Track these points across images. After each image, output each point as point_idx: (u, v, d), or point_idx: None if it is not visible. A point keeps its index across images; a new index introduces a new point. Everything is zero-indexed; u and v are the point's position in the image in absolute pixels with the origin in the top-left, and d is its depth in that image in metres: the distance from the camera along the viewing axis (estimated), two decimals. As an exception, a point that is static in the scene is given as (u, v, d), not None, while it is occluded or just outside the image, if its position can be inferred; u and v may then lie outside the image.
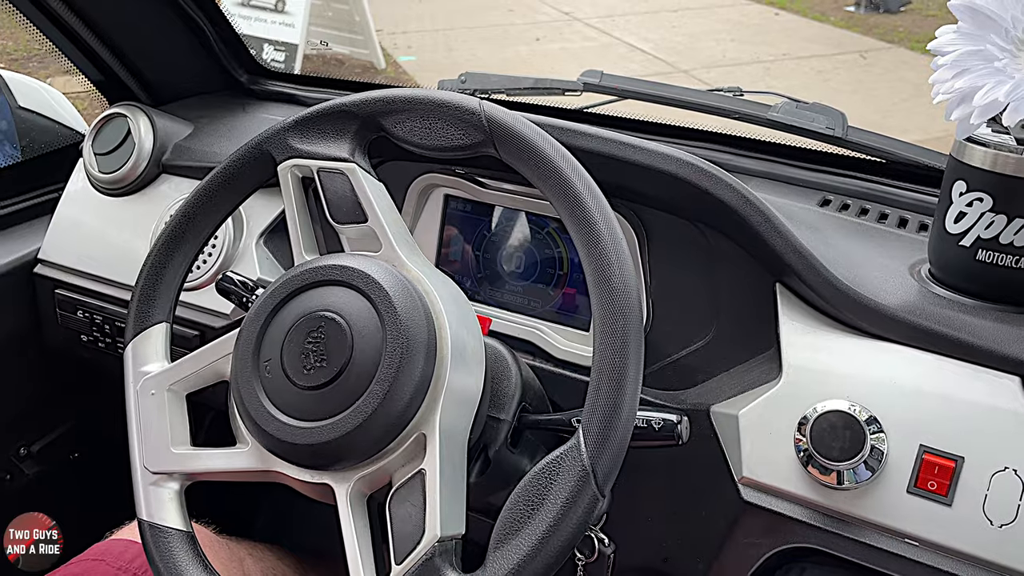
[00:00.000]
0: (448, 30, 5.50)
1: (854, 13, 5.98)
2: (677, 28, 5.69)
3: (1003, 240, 0.63)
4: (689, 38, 5.45)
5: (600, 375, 0.53)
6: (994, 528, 0.58)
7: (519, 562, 0.51)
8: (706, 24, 5.77)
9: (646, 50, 5.12)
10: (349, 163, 0.63)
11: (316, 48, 4.27)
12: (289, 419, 0.57)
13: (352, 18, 4.51)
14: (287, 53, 4.04)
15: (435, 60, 4.85)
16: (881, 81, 4.37)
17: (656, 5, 6.25)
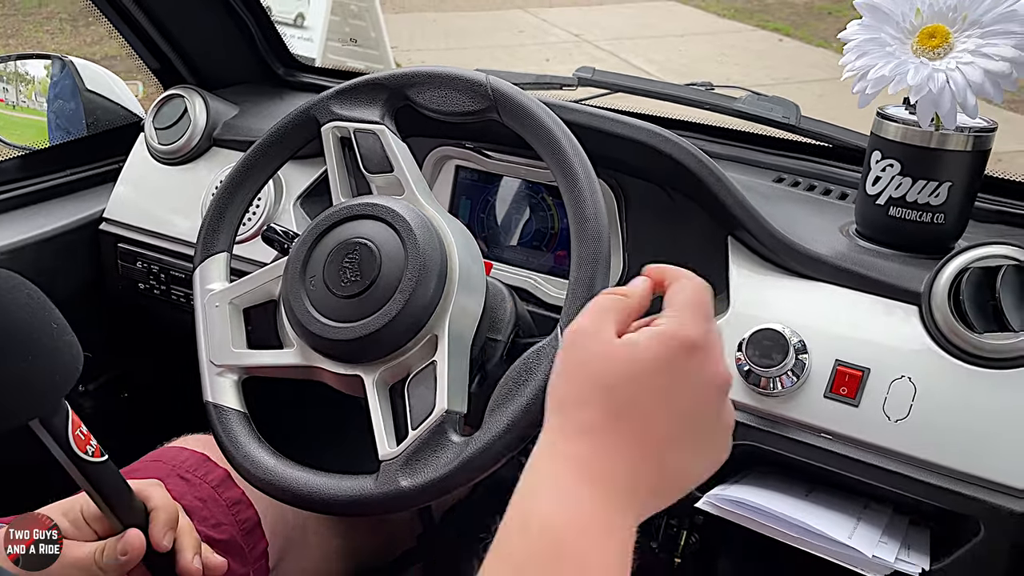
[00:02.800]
0: (461, 49, 5.69)
1: (854, 41, 6.15)
2: (683, 52, 5.87)
3: (909, 198, 0.78)
4: (693, 61, 5.62)
5: (575, 284, 0.68)
6: (891, 423, 0.73)
7: (510, 422, 0.65)
8: (711, 49, 5.95)
9: (651, 72, 5.30)
10: (380, 125, 0.79)
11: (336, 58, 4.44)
12: (330, 320, 0.72)
13: (368, 34, 4.70)
14: (306, 65, 4.20)
15: (447, 76, 4.99)
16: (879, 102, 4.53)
17: (663, 30, 6.43)
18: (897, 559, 0.72)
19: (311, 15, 4.42)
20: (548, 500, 0.45)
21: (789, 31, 6.40)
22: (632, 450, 0.47)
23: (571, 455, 0.47)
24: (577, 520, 0.44)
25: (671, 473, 0.49)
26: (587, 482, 0.46)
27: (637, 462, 0.47)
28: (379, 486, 0.67)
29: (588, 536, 0.44)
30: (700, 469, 0.51)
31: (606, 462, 0.46)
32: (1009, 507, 0.68)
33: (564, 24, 6.44)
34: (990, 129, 0.76)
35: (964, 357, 0.71)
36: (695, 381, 0.49)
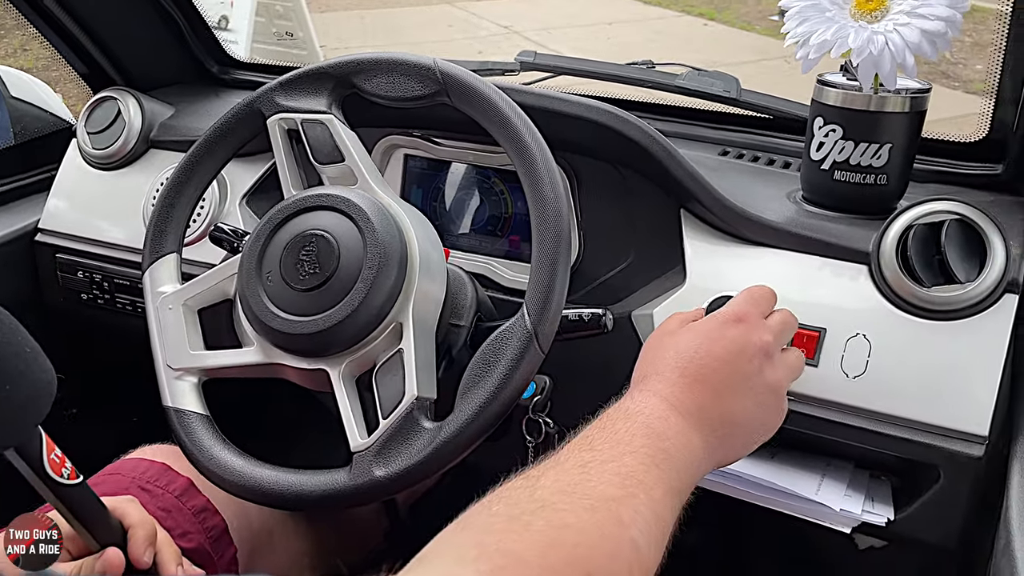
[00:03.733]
0: (391, 45, 5.62)
1: (777, 22, 6.30)
2: (612, 40, 5.93)
3: (852, 161, 0.80)
4: (623, 48, 5.67)
5: (538, 264, 0.68)
6: (849, 379, 0.75)
7: (481, 404, 0.65)
8: (639, 35, 6.01)
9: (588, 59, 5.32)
10: (328, 115, 0.77)
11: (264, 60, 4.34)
12: (290, 315, 0.70)
13: (296, 34, 4.62)
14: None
15: (379, 73, 4.95)
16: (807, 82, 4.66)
17: (590, 19, 6.48)
18: (863, 511, 0.74)
19: (235, 17, 4.32)
20: (654, 412, 0.60)
21: (713, 15, 6.51)
22: (697, 388, 0.62)
23: (653, 397, 0.62)
24: (666, 425, 0.59)
25: (731, 411, 0.63)
26: (677, 411, 0.61)
27: (702, 396, 0.62)
28: (353, 478, 0.66)
29: (672, 431, 0.59)
30: (754, 413, 0.64)
31: (681, 397, 0.61)
32: (966, 452, 0.71)
33: (493, 17, 6.43)
34: (925, 90, 0.78)
35: (914, 311, 0.74)
36: (740, 343, 0.65)
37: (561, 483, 0.52)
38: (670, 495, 0.55)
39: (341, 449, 0.69)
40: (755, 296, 0.71)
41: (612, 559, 0.48)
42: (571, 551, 0.47)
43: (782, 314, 0.71)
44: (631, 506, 0.51)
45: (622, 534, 0.49)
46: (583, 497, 0.51)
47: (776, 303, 0.73)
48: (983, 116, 0.90)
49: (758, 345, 0.65)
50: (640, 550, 0.50)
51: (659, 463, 0.56)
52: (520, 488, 0.52)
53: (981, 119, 0.90)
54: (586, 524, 0.49)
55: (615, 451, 0.56)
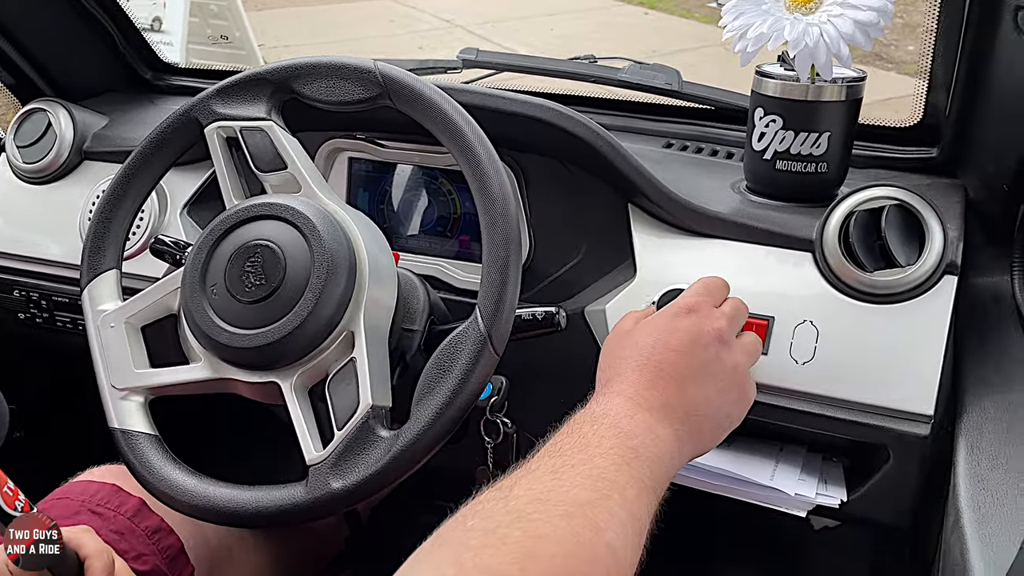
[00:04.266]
0: (331, 42, 5.55)
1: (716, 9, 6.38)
2: (554, 31, 5.94)
3: (793, 151, 0.81)
4: (565, 40, 5.69)
5: (489, 265, 0.68)
6: (799, 366, 0.76)
7: (437, 410, 0.65)
8: (581, 26, 6.03)
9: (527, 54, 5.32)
10: (267, 121, 0.76)
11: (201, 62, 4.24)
12: (237, 329, 0.69)
13: (232, 34, 4.52)
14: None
15: (321, 72, 4.87)
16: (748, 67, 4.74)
17: (533, 10, 6.48)
18: (817, 494, 0.76)
19: (168, 19, 4.21)
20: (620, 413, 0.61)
21: (654, 4, 6.56)
22: (659, 383, 0.63)
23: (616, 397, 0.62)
24: (633, 423, 0.60)
25: (694, 400, 0.64)
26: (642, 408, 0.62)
27: (664, 390, 0.63)
28: (310, 491, 0.65)
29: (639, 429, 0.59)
30: (718, 400, 0.65)
31: (644, 394, 0.62)
32: (913, 432, 0.73)
33: (434, 10, 6.39)
34: (860, 78, 0.80)
35: (859, 296, 0.75)
36: (694, 333, 0.66)
37: (534, 492, 0.52)
38: (644, 493, 0.55)
39: (297, 463, 0.68)
40: (707, 286, 0.73)
41: (591, 565, 0.48)
42: (549, 562, 0.47)
43: (733, 301, 0.73)
44: (605, 508, 0.51)
45: (598, 539, 0.50)
46: (557, 504, 0.51)
47: (729, 292, 0.74)
48: (917, 101, 0.92)
49: (712, 333, 0.67)
50: (617, 553, 0.50)
51: (629, 462, 0.56)
52: (494, 500, 0.52)
53: (915, 104, 0.92)
54: (562, 533, 0.49)
55: (584, 454, 0.56)
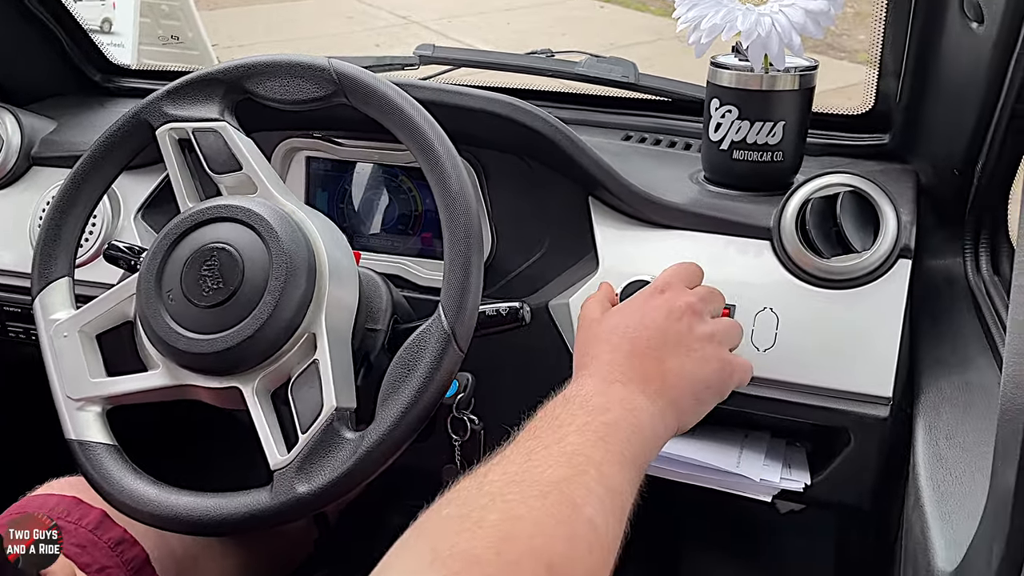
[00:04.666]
0: (287, 41, 5.48)
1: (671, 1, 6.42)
2: (510, 26, 5.93)
3: (749, 140, 0.82)
4: (522, 35, 5.68)
5: (451, 263, 0.67)
6: (760, 353, 0.77)
7: (403, 410, 0.64)
8: (537, 21, 6.03)
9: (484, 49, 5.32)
10: (220, 122, 0.74)
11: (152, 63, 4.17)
12: (195, 334, 0.68)
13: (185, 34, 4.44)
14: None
15: (277, 71, 4.81)
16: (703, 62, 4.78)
17: (489, 6, 6.46)
18: (781, 479, 0.77)
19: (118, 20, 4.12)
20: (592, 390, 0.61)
21: (609, -3, 6.59)
22: (633, 358, 0.63)
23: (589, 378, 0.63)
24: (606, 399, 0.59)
25: (671, 371, 0.64)
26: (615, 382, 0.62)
27: (639, 363, 0.63)
28: (275, 496, 0.64)
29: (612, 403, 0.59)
30: (696, 370, 0.65)
31: (619, 369, 0.62)
32: (873, 414, 0.74)
33: (390, 7, 6.34)
34: (813, 67, 0.81)
35: (817, 282, 0.77)
36: (666, 308, 0.67)
37: (509, 474, 0.51)
38: (623, 467, 0.55)
39: (262, 468, 0.67)
40: (679, 270, 0.73)
41: (570, 543, 0.48)
42: (527, 543, 0.46)
43: (708, 287, 0.73)
44: (582, 485, 0.51)
45: (577, 516, 0.49)
46: (532, 484, 0.50)
47: (702, 278, 0.74)
48: (868, 89, 0.93)
49: (683, 306, 0.67)
50: (597, 529, 0.49)
51: (604, 437, 0.55)
52: (469, 487, 0.51)
53: (866, 92, 0.94)
54: (539, 513, 0.48)
55: (558, 434, 0.55)
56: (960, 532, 0.56)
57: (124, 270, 0.87)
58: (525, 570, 0.45)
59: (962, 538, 0.54)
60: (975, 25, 0.73)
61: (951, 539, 0.56)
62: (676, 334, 0.66)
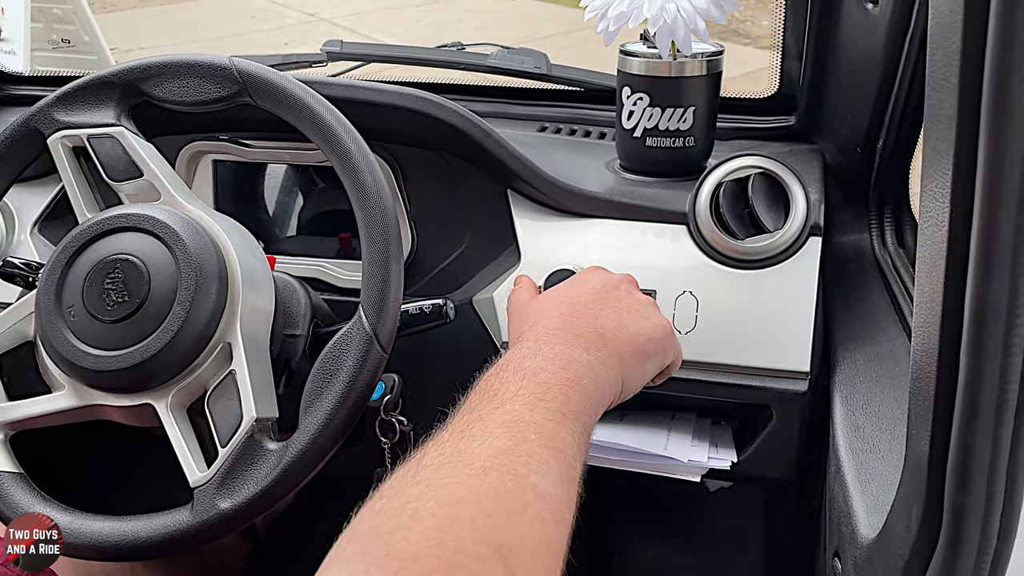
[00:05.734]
0: (190, 42, 5.31)
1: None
2: (421, 21, 5.88)
3: (661, 127, 0.83)
4: (434, 30, 5.64)
5: (369, 261, 0.66)
6: (683, 336, 0.78)
7: (326, 416, 0.63)
8: (448, 15, 6.00)
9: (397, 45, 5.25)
10: (117, 127, 0.71)
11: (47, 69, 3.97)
12: (101, 351, 0.64)
13: (81, 38, 4.25)
14: (12, 80, 3.73)
15: (181, 73, 4.66)
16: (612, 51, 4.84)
17: (398, 1, 6.39)
18: (709, 458, 0.78)
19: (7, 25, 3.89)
20: (525, 353, 0.58)
21: (519, -10, 6.59)
22: (570, 319, 0.62)
23: (523, 344, 0.60)
24: (539, 358, 0.57)
25: (608, 326, 0.62)
26: (549, 343, 0.60)
27: (576, 322, 0.62)
28: (197, 515, 0.62)
29: (546, 362, 0.56)
30: (636, 324, 0.64)
31: (554, 332, 0.61)
32: (792, 389, 0.76)
33: (298, 5, 6.20)
34: (719, 52, 0.82)
35: (733, 263, 0.78)
36: (603, 280, 0.68)
37: (444, 455, 0.47)
38: (566, 424, 0.52)
39: (183, 486, 0.64)
40: (600, 265, 0.74)
41: (518, 516, 0.44)
42: (470, 527, 0.42)
43: None
44: (524, 452, 0.47)
45: (521, 486, 0.45)
46: (469, 462, 0.46)
47: None
48: (773, 73, 0.96)
49: (620, 277, 0.69)
50: (546, 494, 0.46)
51: (542, 397, 0.53)
52: (403, 476, 0.46)
53: (771, 76, 0.96)
54: (479, 492, 0.44)
55: (493, 403, 0.52)
56: (880, 499, 0.57)
57: (21, 288, 0.82)
58: (471, 557, 0.40)
59: (882, 504, 0.56)
60: (870, 7, 0.75)
61: (872, 506, 0.58)
62: (614, 298, 0.65)
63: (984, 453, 0.42)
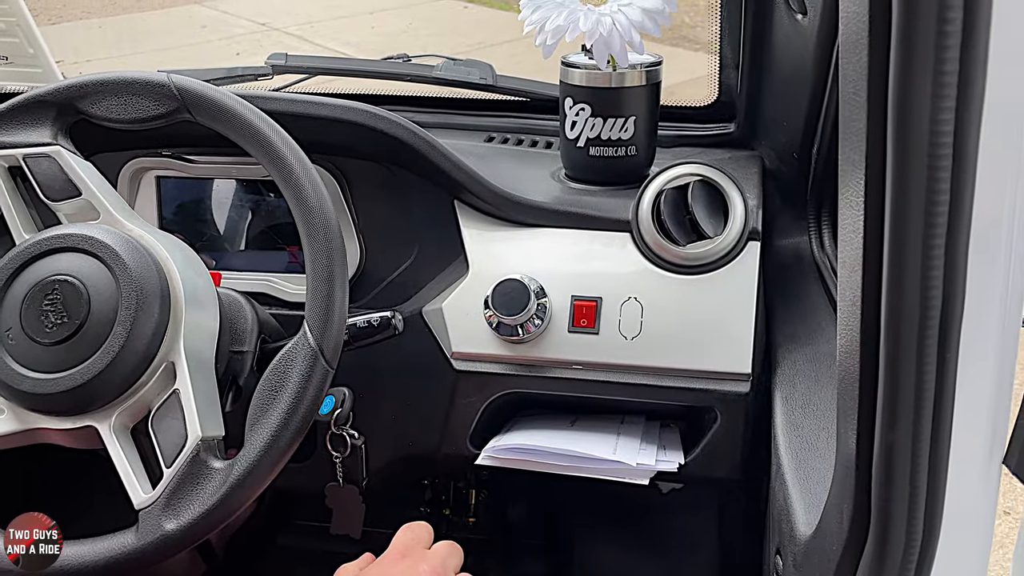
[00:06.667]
0: (138, 53, 5.22)
1: (533, 0, 6.51)
2: (376, 29, 5.86)
3: (603, 136, 0.85)
4: (389, 38, 5.63)
5: (314, 277, 0.66)
6: (628, 341, 0.79)
7: (273, 433, 0.62)
8: (403, 23, 5.98)
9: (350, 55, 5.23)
10: (53, 146, 0.70)
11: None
12: (41, 374, 0.63)
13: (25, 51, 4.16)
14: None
15: (130, 85, 4.57)
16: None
17: (352, 9, 6.35)
18: (657, 461, 0.79)
19: (-55, 38, 3.79)
20: None
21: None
22: None
23: None
24: None
25: None
26: None
27: None
28: (142, 537, 0.61)
29: None
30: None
31: None
32: (735, 391, 0.78)
33: (249, 15, 6.13)
34: (658, 63, 0.84)
35: (675, 269, 0.80)
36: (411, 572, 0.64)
37: None
38: None
39: (128, 508, 0.63)
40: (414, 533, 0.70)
41: None
42: None
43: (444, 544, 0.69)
44: None
45: None
46: None
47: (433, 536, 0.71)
48: (712, 81, 0.98)
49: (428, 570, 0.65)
50: None
51: None
52: None
53: (711, 83, 0.98)
54: None
55: None
56: (817, 496, 0.59)
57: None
58: None
59: (819, 501, 0.57)
60: (800, 17, 0.77)
61: (810, 503, 0.60)
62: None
63: (906, 450, 0.44)
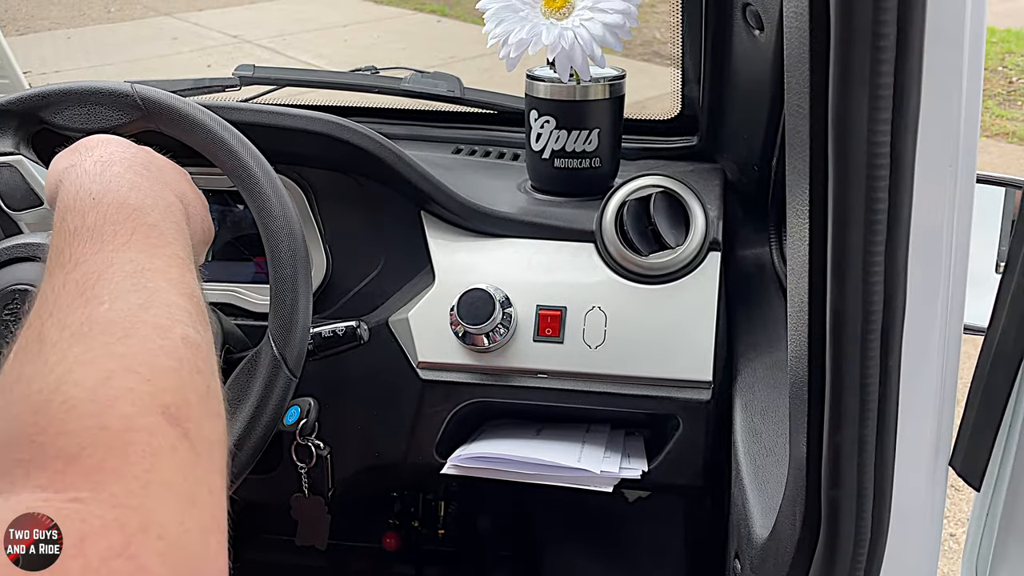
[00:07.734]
0: (107, 64, 5.18)
1: (506, 15, 6.56)
2: (349, 42, 5.86)
3: (568, 148, 0.86)
4: (362, 51, 5.64)
5: (277, 287, 0.66)
6: (592, 350, 0.80)
7: (235, 443, 0.62)
8: (376, 36, 6.00)
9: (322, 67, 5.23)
10: (15, 155, 0.70)
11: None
12: (1, 384, 0.63)
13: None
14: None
15: (98, 96, 4.53)
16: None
17: (325, 22, 6.36)
18: (621, 468, 0.80)
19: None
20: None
21: (445, 11, 6.64)
22: None
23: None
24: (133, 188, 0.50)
25: None
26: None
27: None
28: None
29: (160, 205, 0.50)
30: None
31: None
32: (697, 398, 0.79)
33: (221, 27, 6.12)
34: (621, 76, 0.86)
35: (638, 279, 0.81)
36: None
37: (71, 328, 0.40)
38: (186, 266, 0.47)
39: None
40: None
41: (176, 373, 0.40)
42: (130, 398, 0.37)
43: None
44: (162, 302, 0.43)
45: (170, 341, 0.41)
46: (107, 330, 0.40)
47: None
48: (675, 95, 1.00)
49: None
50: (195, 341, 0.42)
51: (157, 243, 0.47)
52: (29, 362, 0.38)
53: (674, 97, 1.00)
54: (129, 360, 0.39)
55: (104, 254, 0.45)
56: (772, 499, 0.60)
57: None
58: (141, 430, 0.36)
59: (775, 504, 0.59)
60: (758, 33, 0.79)
61: (766, 507, 0.61)
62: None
63: (852, 452, 0.45)
